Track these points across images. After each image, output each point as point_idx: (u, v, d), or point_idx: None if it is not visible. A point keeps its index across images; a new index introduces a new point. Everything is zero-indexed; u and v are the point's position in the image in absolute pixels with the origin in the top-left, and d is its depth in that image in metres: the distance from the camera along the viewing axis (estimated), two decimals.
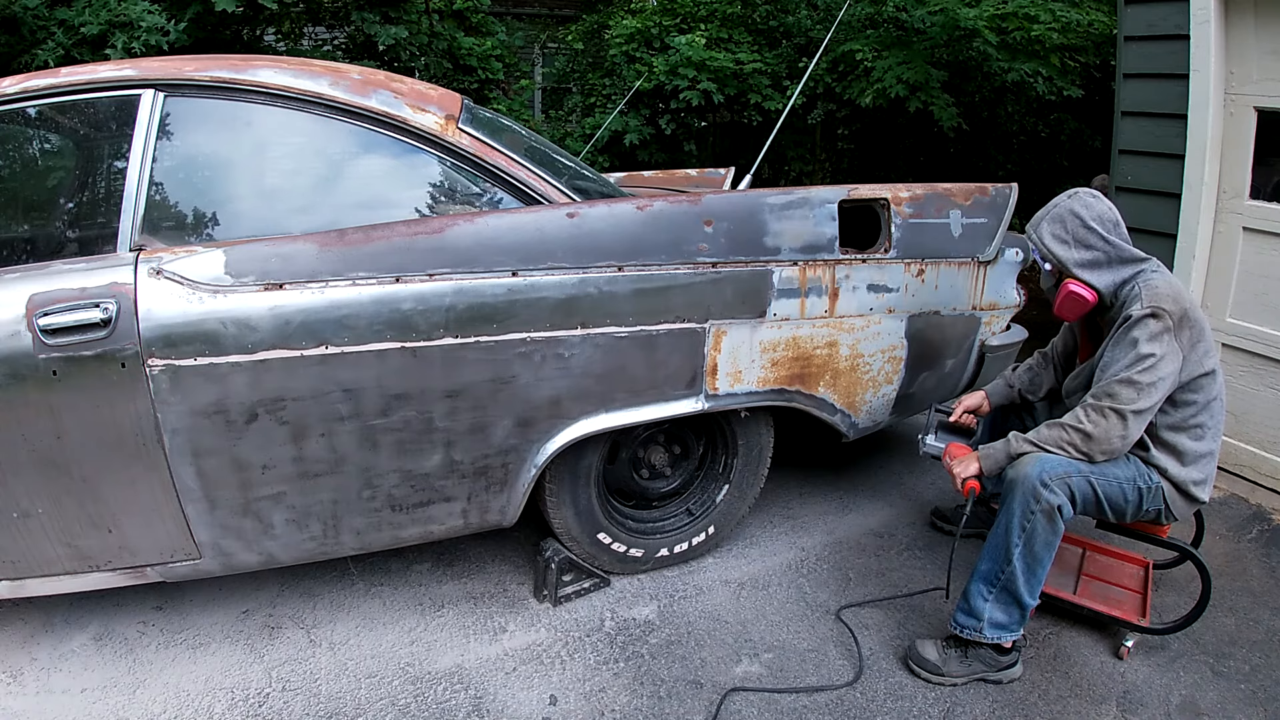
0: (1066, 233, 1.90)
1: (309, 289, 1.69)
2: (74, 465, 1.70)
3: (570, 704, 1.90)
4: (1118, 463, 1.88)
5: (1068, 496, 1.81)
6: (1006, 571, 1.86)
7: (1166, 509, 1.93)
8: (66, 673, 1.95)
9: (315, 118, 1.84)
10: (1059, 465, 1.82)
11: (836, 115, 6.95)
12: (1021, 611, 1.89)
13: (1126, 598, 2.18)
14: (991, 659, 1.94)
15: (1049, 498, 1.79)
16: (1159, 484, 1.90)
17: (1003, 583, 1.87)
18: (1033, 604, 1.88)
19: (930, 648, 1.99)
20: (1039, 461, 1.83)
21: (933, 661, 1.96)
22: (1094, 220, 1.88)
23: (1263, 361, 2.80)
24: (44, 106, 1.81)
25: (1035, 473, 1.81)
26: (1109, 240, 1.88)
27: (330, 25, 5.98)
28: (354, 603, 2.24)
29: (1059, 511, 1.80)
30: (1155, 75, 2.95)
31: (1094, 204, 1.90)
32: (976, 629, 1.91)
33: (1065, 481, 1.81)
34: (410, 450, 1.86)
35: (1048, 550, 1.84)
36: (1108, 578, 2.26)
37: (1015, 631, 1.91)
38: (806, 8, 6.74)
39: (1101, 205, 1.91)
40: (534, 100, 8.19)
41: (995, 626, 1.89)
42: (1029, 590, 1.86)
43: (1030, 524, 1.82)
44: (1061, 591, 2.14)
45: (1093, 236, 1.88)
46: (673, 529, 2.38)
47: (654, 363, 1.97)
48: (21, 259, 1.81)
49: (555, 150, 2.55)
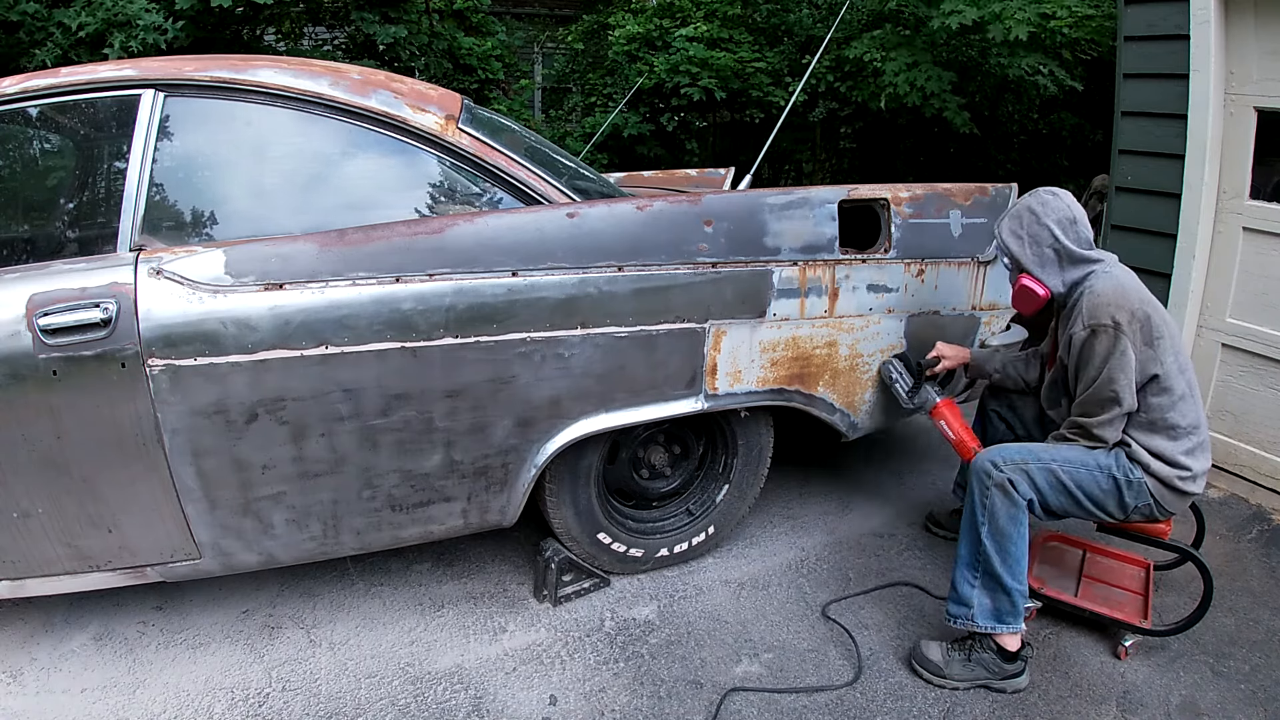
0: (1022, 229, 1.94)
1: (309, 289, 1.69)
2: (74, 465, 1.70)
3: (570, 704, 1.90)
4: (1069, 446, 1.93)
5: (1028, 484, 1.88)
6: (982, 553, 1.91)
7: (1157, 504, 1.92)
8: (66, 673, 1.95)
9: (315, 118, 1.84)
10: (1015, 452, 1.93)
11: (839, 114, 6.95)
12: (1008, 597, 1.90)
13: (1128, 599, 2.17)
14: (995, 665, 1.93)
15: (998, 475, 1.89)
16: (1141, 480, 1.90)
17: (982, 565, 1.92)
18: (1017, 587, 1.89)
19: (935, 648, 1.99)
20: (995, 448, 1.96)
21: (935, 662, 1.97)
22: (1048, 218, 1.91)
23: (1263, 361, 2.80)
24: (44, 106, 1.81)
25: (985, 456, 1.94)
26: (1059, 239, 1.90)
27: (330, 25, 5.98)
28: (354, 603, 2.24)
29: (1012, 486, 1.87)
30: (1155, 75, 2.95)
31: (1051, 201, 1.92)
32: (968, 616, 1.94)
33: (1021, 468, 1.89)
34: (410, 450, 1.86)
35: (1013, 525, 1.88)
36: (1109, 579, 2.25)
37: (1009, 623, 1.91)
38: (808, 6, 6.74)
39: (1059, 203, 1.92)
40: (534, 100, 8.18)
41: (985, 614, 1.92)
42: (1007, 571, 1.89)
43: (988, 501, 1.90)
44: (1062, 594, 2.14)
45: (1044, 234, 1.91)
46: (673, 529, 2.38)
47: (654, 363, 1.97)
48: (21, 259, 1.81)
49: (555, 150, 2.55)
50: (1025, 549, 1.91)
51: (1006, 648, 1.93)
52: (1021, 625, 1.92)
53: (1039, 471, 1.90)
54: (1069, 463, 1.91)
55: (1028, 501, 1.89)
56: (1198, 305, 2.95)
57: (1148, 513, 1.94)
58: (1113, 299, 1.84)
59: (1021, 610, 1.91)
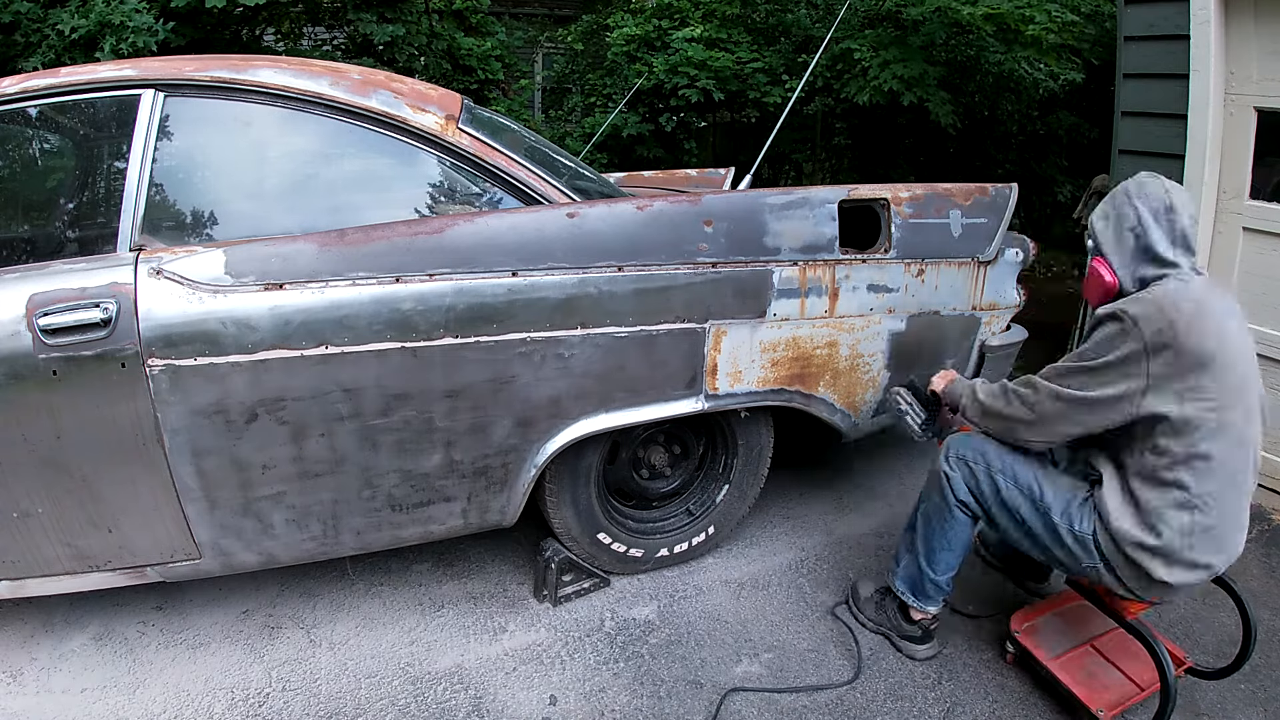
0: (1112, 207, 1.69)
1: (309, 289, 1.69)
2: (74, 465, 1.70)
3: (570, 704, 1.90)
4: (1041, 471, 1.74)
5: (968, 489, 1.83)
6: (914, 527, 1.97)
7: (1109, 570, 1.63)
8: (66, 673, 1.95)
9: (315, 118, 1.84)
10: (968, 445, 1.86)
11: (835, 112, 6.95)
12: (921, 578, 1.94)
13: (1115, 685, 1.83)
14: (897, 620, 2.05)
15: (942, 465, 1.88)
16: (1091, 533, 1.63)
17: (914, 538, 1.97)
18: (931, 576, 1.92)
19: (867, 586, 2.18)
20: (964, 437, 1.91)
21: (861, 597, 2.13)
22: (1139, 199, 1.63)
23: (1263, 361, 2.77)
24: (44, 106, 1.81)
25: (951, 440, 1.91)
26: (1143, 223, 1.62)
27: (329, 25, 5.98)
28: (354, 603, 2.24)
29: (946, 480, 1.86)
30: (1155, 75, 2.95)
31: (1149, 184, 1.64)
32: (893, 573, 2.03)
33: (965, 463, 1.85)
34: (410, 450, 1.86)
35: (939, 520, 1.89)
36: (1116, 659, 1.90)
37: (919, 600, 1.97)
38: (806, 6, 6.75)
39: (1158, 188, 1.63)
40: (534, 100, 8.18)
41: (904, 580, 2.00)
42: (926, 557, 1.92)
43: (928, 487, 1.93)
44: (1039, 650, 1.91)
45: (1130, 214, 1.63)
46: (673, 529, 2.38)
47: (654, 363, 1.97)
48: (21, 259, 1.81)
49: (555, 150, 2.55)
50: (951, 548, 1.88)
51: (909, 610, 2.02)
52: (930, 609, 1.99)
53: (981, 470, 1.77)
54: (1009, 474, 1.73)
55: (961, 504, 1.82)
56: None
57: (1096, 577, 1.67)
58: (1167, 311, 1.51)
59: (934, 598, 1.97)
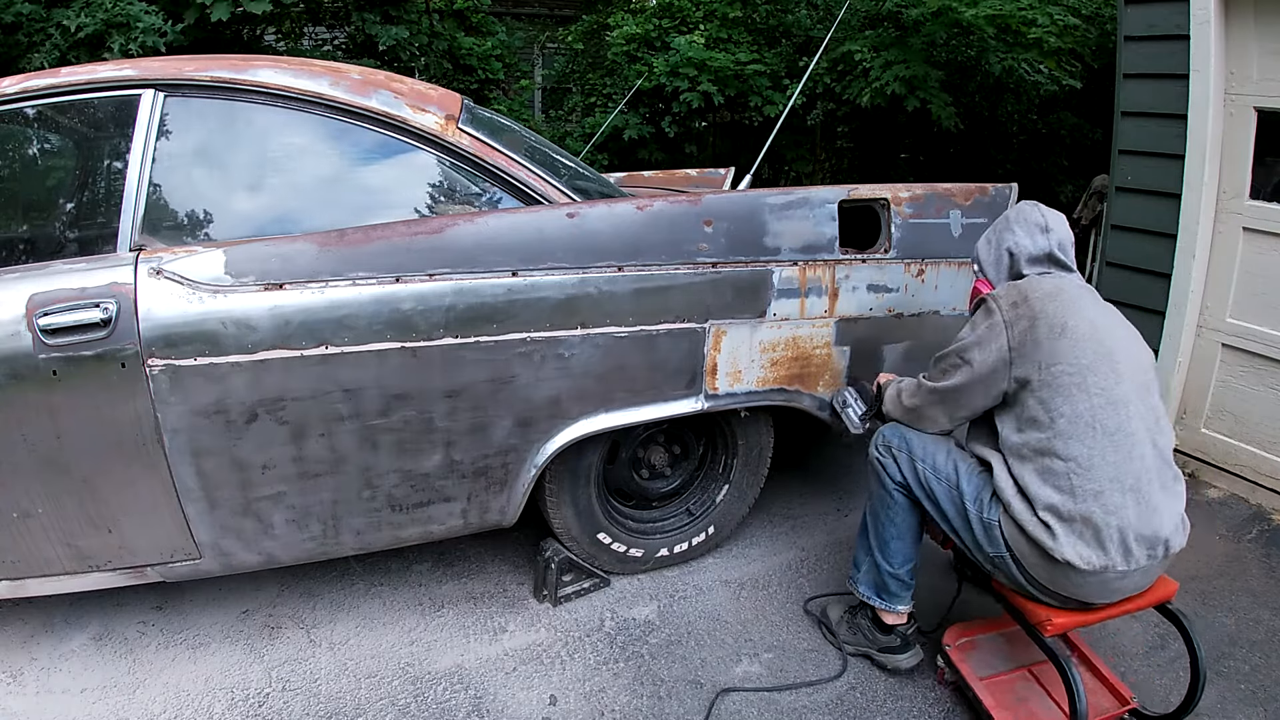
0: (993, 233, 1.85)
1: (309, 289, 1.69)
2: (74, 465, 1.70)
3: (570, 704, 1.90)
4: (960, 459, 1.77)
5: (899, 470, 1.85)
6: (866, 525, 1.95)
7: (1015, 562, 1.62)
8: (66, 673, 1.95)
9: (315, 118, 1.84)
10: (895, 433, 1.89)
11: (836, 115, 6.95)
12: (880, 574, 1.90)
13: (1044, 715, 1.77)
14: (873, 635, 1.99)
15: (873, 452, 1.91)
16: (997, 521, 1.64)
17: (868, 538, 1.94)
18: (889, 570, 1.89)
19: (836, 609, 2.12)
20: (886, 427, 1.94)
21: (833, 619, 2.09)
22: (1017, 221, 1.78)
23: (1263, 361, 2.80)
24: (44, 106, 1.81)
25: (878, 433, 1.95)
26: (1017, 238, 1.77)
27: (330, 25, 5.98)
28: (354, 603, 2.24)
29: (881, 466, 1.88)
30: (1155, 75, 2.95)
31: (1027, 210, 1.80)
32: (854, 579, 1.99)
33: (890, 449, 1.87)
34: (410, 450, 1.86)
35: (884, 508, 1.89)
36: (1055, 688, 1.81)
37: (885, 601, 1.92)
38: (806, 6, 6.74)
39: (1035, 213, 1.77)
40: (534, 100, 8.18)
41: (866, 584, 1.96)
42: (880, 551, 1.90)
43: (869, 481, 1.94)
44: (965, 665, 1.85)
45: (1007, 235, 1.79)
46: (673, 529, 2.38)
47: (654, 363, 1.97)
48: (21, 259, 1.81)
49: (555, 150, 2.55)
50: (901, 536, 1.87)
51: (883, 620, 1.96)
52: (899, 608, 1.93)
53: (904, 456, 1.82)
54: (926, 459, 1.78)
55: (900, 486, 1.83)
56: (1198, 305, 2.94)
57: (1011, 575, 1.66)
58: (1018, 284, 1.70)
59: (899, 595, 1.92)
